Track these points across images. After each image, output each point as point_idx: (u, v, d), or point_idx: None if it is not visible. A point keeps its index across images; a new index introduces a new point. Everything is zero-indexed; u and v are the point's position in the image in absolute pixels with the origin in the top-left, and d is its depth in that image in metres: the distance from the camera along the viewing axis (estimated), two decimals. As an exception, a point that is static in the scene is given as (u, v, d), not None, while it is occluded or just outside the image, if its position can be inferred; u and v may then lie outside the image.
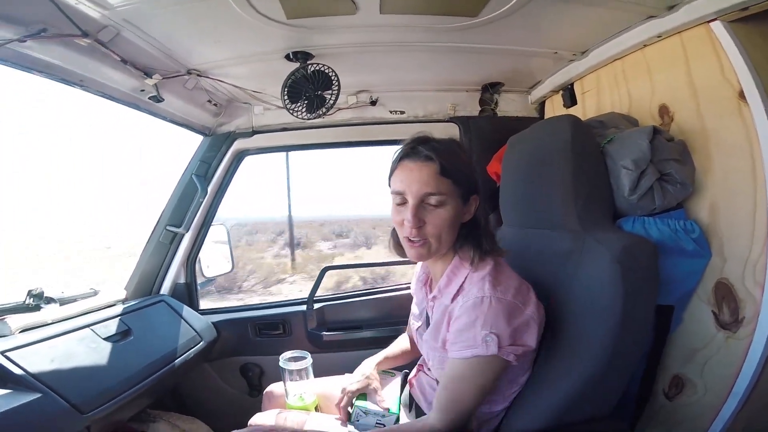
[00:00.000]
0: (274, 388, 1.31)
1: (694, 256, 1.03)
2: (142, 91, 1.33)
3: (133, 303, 1.54)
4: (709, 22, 0.98)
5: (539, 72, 1.55)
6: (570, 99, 1.50)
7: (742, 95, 0.94)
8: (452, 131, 1.71)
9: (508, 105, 1.71)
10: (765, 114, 0.90)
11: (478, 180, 0.91)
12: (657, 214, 1.06)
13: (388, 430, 1.02)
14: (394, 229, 0.98)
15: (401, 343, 1.30)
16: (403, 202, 0.89)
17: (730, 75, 0.96)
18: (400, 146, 0.93)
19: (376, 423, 1.08)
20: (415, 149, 0.89)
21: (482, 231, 0.92)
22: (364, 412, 1.10)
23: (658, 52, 1.15)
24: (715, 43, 0.98)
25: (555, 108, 1.62)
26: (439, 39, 1.26)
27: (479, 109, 1.69)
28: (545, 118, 1.70)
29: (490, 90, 1.62)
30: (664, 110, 1.15)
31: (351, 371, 1.24)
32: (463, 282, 0.91)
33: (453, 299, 0.91)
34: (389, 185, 0.93)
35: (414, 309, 1.16)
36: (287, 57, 1.33)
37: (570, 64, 1.42)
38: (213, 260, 1.85)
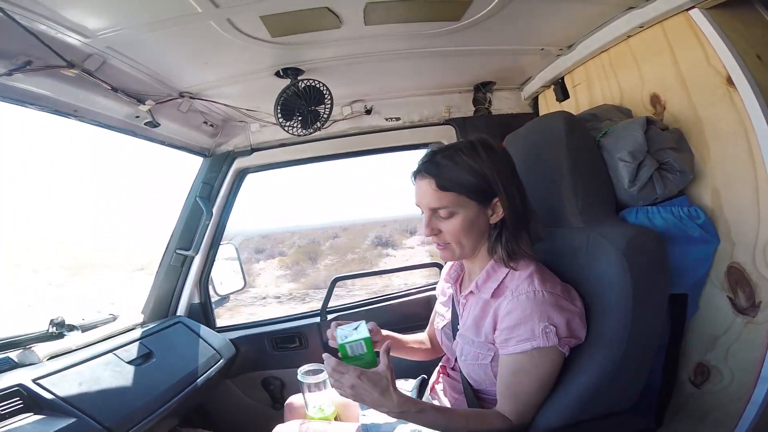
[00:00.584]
0: (294, 399, 1.33)
1: (701, 242, 1.02)
2: (137, 117, 1.33)
3: (151, 326, 1.57)
4: (687, 10, 0.98)
5: (529, 68, 1.54)
6: (562, 93, 1.50)
7: (730, 81, 0.93)
8: (449, 133, 1.71)
9: (502, 103, 1.71)
10: (755, 98, 0.89)
11: (499, 182, 0.90)
12: (660, 203, 1.05)
13: (456, 411, 1.00)
14: None
15: (419, 336, 1.30)
16: (423, 213, 0.95)
17: (716, 62, 0.95)
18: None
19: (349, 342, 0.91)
20: (419, 167, 0.94)
21: (509, 233, 0.92)
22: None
23: (642, 43, 1.14)
24: (696, 30, 0.98)
25: (548, 102, 1.62)
26: (426, 44, 1.27)
27: (473, 109, 1.68)
28: (540, 113, 1.70)
29: (482, 89, 1.62)
30: (655, 99, 1.14)
31: None
32: (504, 278, 0.93)
33: (494, 295, 0.93)
34: None
35: (439, 308, 1.17)
36: (277, 74, 1.35)
37: (558, 59, 1.41)
38: (226, 278, 1.89)
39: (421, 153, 1.75)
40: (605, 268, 0.89)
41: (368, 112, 1.68)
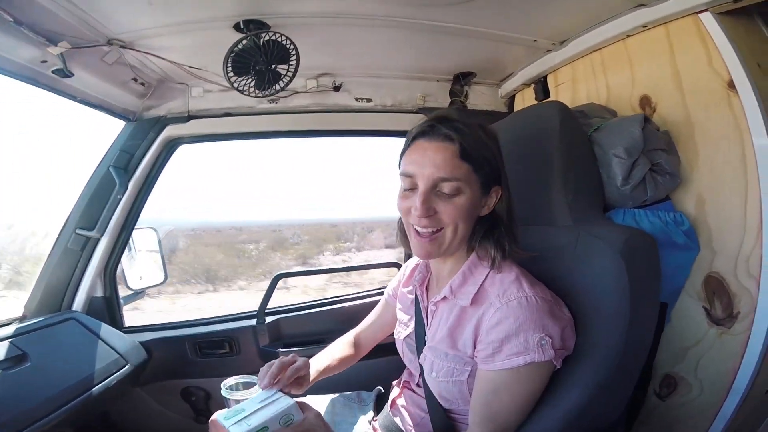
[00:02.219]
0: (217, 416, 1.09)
1: (684, 249, 1.00)
2: (43, 62, 1.08)
3: (31, 322, 1.27)
4: (698, 12, 0.96)
5: (512, 63, 1.49)
6: (543, 92, 1.46)
7: (731, 85, 0.92)
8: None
9: (478, 98, 1.64)
10: (756, 103, 0.88)
11: (503, 170, 0.81)
12: (647, 206, 1.02)
13: None
14: (400, 219, 0.87)
15: (341, 350, 1.12)
16: (413, 187, 0.78)
17: (719, 65, 0.94)
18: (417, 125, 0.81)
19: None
20: (434, 127, 0.77)
21: (504, 229, 0.81)
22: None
23: (640, 43, 1.13)
24: (703, 33, 0.96)
25: (525, 102, 1.58)
26: (416, 15, 1.14)
27: (449, 100, 1.60)
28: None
29: (461, 80, 1.54)
30: (645, 101, 1.13)
31: (314, 391, 1.05)
32: (483, 281, 0.80)
33: (474, 302, 0.79)
34: (399, 167, 0.82)
35: (401, 315, 1.02)
36: (237, 27, 1.14)
37: (546, 55, 1.37)
38: (141, 270, 1.59)
39: (387, 141, 1.66)
40: (599, 271, 0.80)
41: (337, 88, 1.50)
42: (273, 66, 1.18)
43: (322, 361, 1.05)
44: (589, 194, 0.96)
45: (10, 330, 1.19)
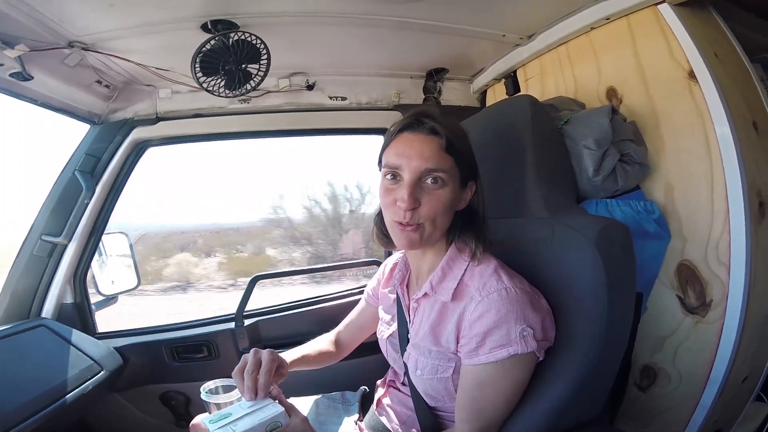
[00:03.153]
0: (201, 420, 1.07)
1: (656, 238, 1.01)
2: (1, 65, 1.05)
3: None
4: (656, 4, 0.98)
5: (482, 58, 1.50)
6: (513, 87, 1.47)
7: (692, 75, 0.94)
8: (396, 121, 1.59)
9: (451, 94, 1.64)
10: (716, 92, 0.90)
11: (477, 166, 0.83)
12: (618, 196, 1.03)
13: None
14: (377, 216, 0.89)
15: (320, 344, 1.11)
16: (397, 180, 0.78)
17: (679, 55, 0.96)
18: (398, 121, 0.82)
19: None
20: (419, 121, 0.78)
21: (481, 222, 0.83)
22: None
23: (604, 35, 1.14)
24: (662, 24, 0.98)
25: (497, 97, 1.58)
26: (385, 12, 1.14)
27: (423, 97, 1.60)
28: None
29: (434, 76, 1.54)
30: (612, 93, 1.14)
31: (298, 393, 1.07)
32: (463, 275, 0.80)
33: (455, 297, 0.79)
34: (379, 162, 0.82)
35: (383, 315, 1.01)
36: (205, 27, 1.12)
37: (514, 50, 1.38)
38: (113, 275, 1.54)
39: (364, 139, 1.65)
40: (576, 261, 0.80)
41: (310, 87, 1.48)
42: (243, 65, 1.16)
43: (299, 350, 1.03)
44: (562, 186, 0.97)
45: (-26, 338, 1.14)
